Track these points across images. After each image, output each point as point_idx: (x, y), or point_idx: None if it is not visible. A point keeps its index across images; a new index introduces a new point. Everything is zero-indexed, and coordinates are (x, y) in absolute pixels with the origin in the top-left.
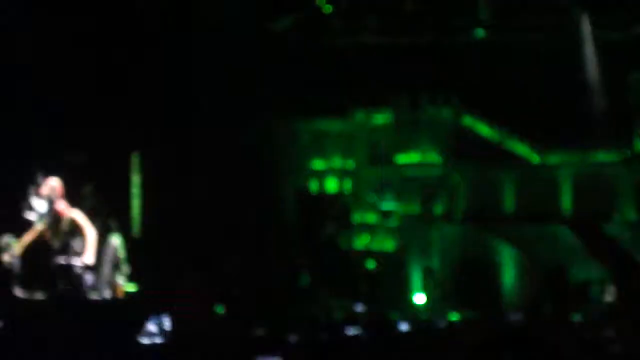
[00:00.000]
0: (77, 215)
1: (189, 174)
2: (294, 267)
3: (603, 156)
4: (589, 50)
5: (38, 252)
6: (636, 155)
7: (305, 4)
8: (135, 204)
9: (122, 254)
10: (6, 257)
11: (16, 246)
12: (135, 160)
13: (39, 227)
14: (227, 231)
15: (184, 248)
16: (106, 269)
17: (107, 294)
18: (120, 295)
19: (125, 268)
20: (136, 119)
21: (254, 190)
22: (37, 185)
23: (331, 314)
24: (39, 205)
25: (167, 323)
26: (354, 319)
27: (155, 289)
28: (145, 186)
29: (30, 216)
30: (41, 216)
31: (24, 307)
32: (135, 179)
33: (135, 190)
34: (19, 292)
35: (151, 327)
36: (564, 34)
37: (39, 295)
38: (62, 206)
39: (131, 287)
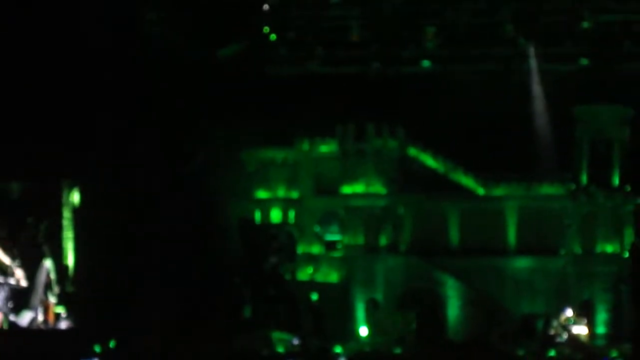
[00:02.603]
0: None
1: (126, 204)
2: (236, 298)
3: (548, 189)
4: (536, 82)
5: None
6: (582, 188)
7: (251, 32)
8: (68, 232)
9: (53, 276)
10: None
11: None
12: (68, 190)
13: None
14: (165, 262)
15: (119, 279)
16: (39, 289)
17: (40, 312)
18: (51, 314)
19: (57, 289)
20: (74, 149)
21: (194, 221)
22: None
23: (273, 347)
24: None
25: None
26: (296, 353)
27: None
28: (80, 215)
29: None
30: None
31: None
32: (67, 208)
33: (67, 218)
34: None
35: None
36: (510, 65)
37: None
38: None
39: (61, 309)
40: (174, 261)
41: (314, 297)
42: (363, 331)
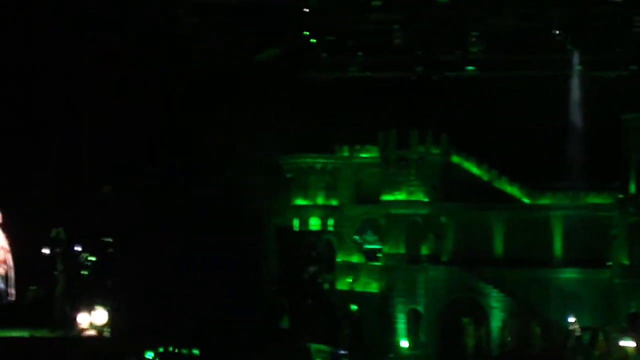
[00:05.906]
0: None
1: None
2: (274, 308)
3: (595, 198)
4: (583, 89)
5: None
6: (629, 197)
7: (291, 36)
8: None
9: None
10: None
11: None
12: None
13: None
14: (199, 270)
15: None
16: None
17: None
18: None
19: None
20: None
21: (231, 228)
22: None
23: (311, 358)
24: None
25: None
26: None
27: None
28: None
29: None
30: None
31: None
32: None
33: None
34: None
35: None
36: (557, 71)
37: None
38: None
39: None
40: (208, 270)
41: (354, 307)
42: (404, 343)
